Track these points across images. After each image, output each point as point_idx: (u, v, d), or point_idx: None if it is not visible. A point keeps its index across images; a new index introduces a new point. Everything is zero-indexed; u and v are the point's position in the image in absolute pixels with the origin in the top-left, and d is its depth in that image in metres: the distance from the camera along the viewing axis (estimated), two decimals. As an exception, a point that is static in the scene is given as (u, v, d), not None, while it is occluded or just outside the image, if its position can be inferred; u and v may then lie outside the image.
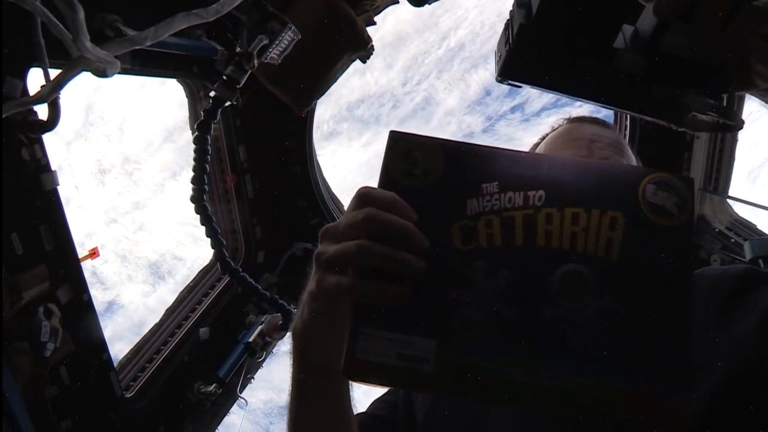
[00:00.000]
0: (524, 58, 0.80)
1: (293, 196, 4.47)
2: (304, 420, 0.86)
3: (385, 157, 0.65)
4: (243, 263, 4.14)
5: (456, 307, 0.59)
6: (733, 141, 4.13)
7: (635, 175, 0.63)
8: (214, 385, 3.58)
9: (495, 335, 0.59)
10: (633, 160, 1.17)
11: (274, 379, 3.86)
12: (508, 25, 0.82)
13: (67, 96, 2.09)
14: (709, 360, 0.73)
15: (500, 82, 0.85)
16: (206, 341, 3.68)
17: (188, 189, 3.44)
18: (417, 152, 0.64)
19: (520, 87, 0.81)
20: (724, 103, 0.74)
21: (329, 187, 5.01)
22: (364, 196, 0.63)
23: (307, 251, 4.48)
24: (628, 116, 4.35)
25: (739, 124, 0.76)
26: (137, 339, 3.59)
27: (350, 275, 0.61)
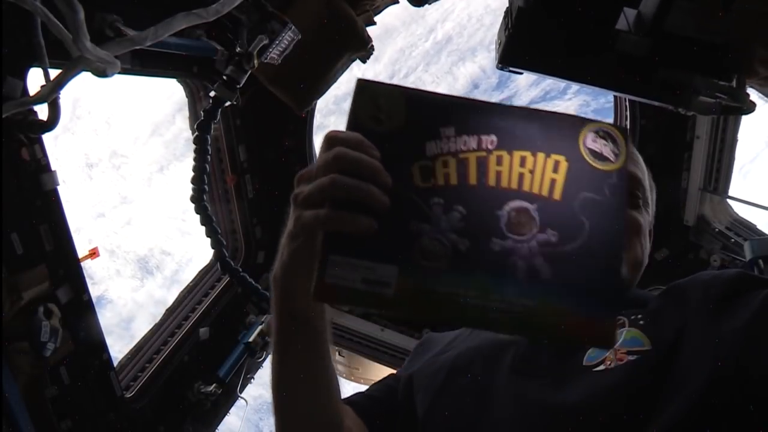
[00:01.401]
0: (525, 43, 0.81)
1: (293, 196, 4.46)
2: (286, 373, 0.89)
3: (352, 102, 0.71)
4: (243, 263, 4.14)
5: (416, 238, 0.66)
6: (734, 141, 4.13)
7: (577, 123, 0.70)
8: (214, 385, 3.58)
9: (450, 263, 0.65)
10: (645, 171, 1.18)
11: (263, 376, 3.88)
12: (508, 11, 0.83)
13: (63, 93, 2.08)
14: (698, 361, 0.74)
15: (501, 69, 0.86)
16: (206, 341, 3.68)
17: (176, 183, 3.45)
18: (382, 99, 0.70)
19: (521, 73, 0.83)
20: (734, 85, 0.75)
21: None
22: (333, 138, 0.69)
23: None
24: (628, 115, 4.35)
25: (750, 107, 0.77)
26: (126, 334, 3.59)
27: (325, 208, 0.67)
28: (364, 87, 0.71)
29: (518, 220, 0.66)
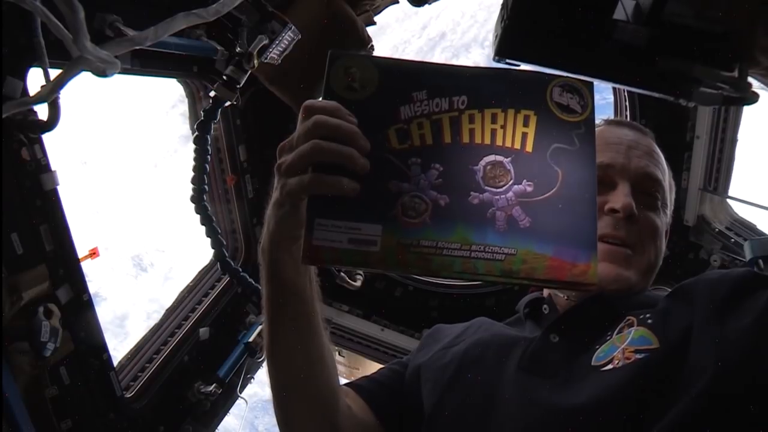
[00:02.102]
0: (521, 34, 0.82)
1: (293, 196, 4.45)
2: (278, 344, 0.91)
3: (326, 73, 0.74)
4: (243, 263, 4.13)
5: (397, 196, 0.69)
6: (734, 141, 4.13)
7: (544, 79, 0.73)
8: (214, 385, 3.57)
9: (431, 218, 0.68)
10: (666, 172, 1.17)
11: (258, 373, 3.89)
12: (504, 4, 0.83)
13: (63, 93, 2.08)
14: (705, 360, 0.74)
15: (497, 61, 0.87)
16: (206, 341, 3.68)
17: (170, 179, 3.45)
18: (354, 68, 0.73)
19: (517, 66, 0.84)
20: (736, 75, 0.74)
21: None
22: (311, 108, 0.71)
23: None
24: (628, 115, 4.35)
25: (752, 97, 0.77)
26: (120, 332, 3.59)
27: (309, 173, 0.69)
28: (336, 57, 0.74)
29: (494, 173, 0.69)
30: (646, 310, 0.89)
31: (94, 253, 3.11)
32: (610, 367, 0.82)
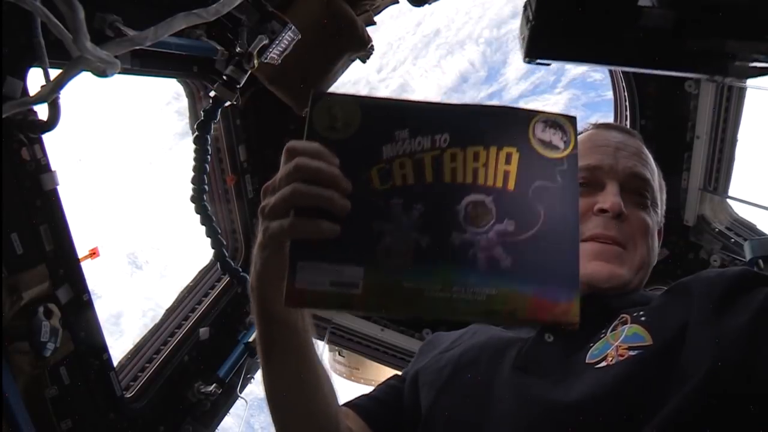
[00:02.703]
0: (548, 33, 0.83)
1: (293, 196, 4.45)
2: (274, 376, 0.92)
3: (309, 114, 0.74)
4: (243, 263, 4.13)
5: (378, 238, 0.69)
6: (734, 141, 4.13)
7: (526, 116, 0.73)
8: (214, 385, 3.58)
9: (413, 259, 0.68)
10: (655, 171, 1.17)
11: (258, 373, 3.87)
12: (527, 4, 0.84)
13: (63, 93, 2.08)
14: (701, 357, 0.74)
15: (528, 62, 0.87)
16: (206, 341, 3.68)
17: (165, 177, 3.45)
18: (337, 108, 0.73)
19: (548, 65, 0.85)
20: None
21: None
22: (292, 149, 0.73)
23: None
24: (628, 115, 4.35)
25: None
26: (115, 329, 3.59)
27: (290, 217, 0.70)
28: (318, 98, 0.74)
29: (476, 213, 0.69)
30: (639, 307, 0.90)
31: (94, 253, 3.11)
32: (604, 364, 0.82)
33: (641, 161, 1.13)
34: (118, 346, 3.63)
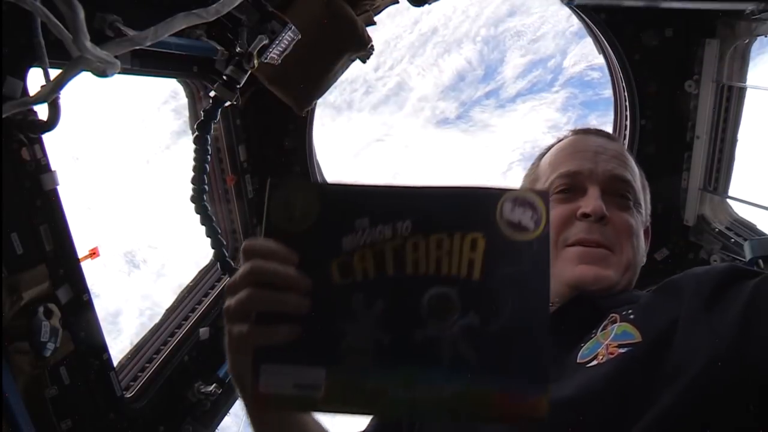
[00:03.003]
0: None
1: (293, 196, 4.46)
2: None
3: (266, 206, 0.70)
4: (243, 263, 4.13)
5: (340, 337, 0.66)
6: (734, 141, 4.13)
7: (493, 195, 0.68)
8: (214, 385, 3.57)
9: (375, 359, 0.65)
10: (636, 173, 1.18)
11: None
12: None
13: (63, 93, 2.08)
14: (691, 352, 0.75)
15: (569, 5, 0.83)
16: (206, 341, 3.68)
17: (162, 175, 3.44)
18: (295, 198, 0.69)
19: (585, 4, 0.79)
20: None
21: (329, 187, 5.00)
22: (248, 251, 0.70)
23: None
24: (628, 115, 4.35)
25: None
26: (113, 328, 3.59)
27: (249, 322, 0.69)
28: (275, 188, 0.70)
29: (439, 307, 0.65)
30: (628, 306, 0.91)
31: (94, 253, 3.11)
32: (594, 363, 0.83)
33: (621, 163, 1.14)
34: (116, 345, 3.62)
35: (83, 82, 1.93)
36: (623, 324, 0.87)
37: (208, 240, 3.60)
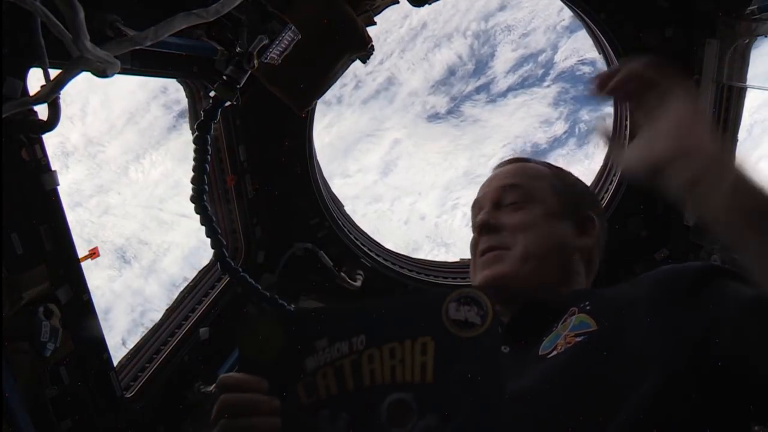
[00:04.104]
0: None
1: (293, 196, 4.46)
2: None
3: (238, 340, 0.79)
4: (243, 263, 4.14)
5: None
6: (734, 141, 4.13)
7: (439, 299, 0.72)
8: (214, 385, 3.57)
9: None
10: (534, 175, 1.23)
11: None
12: None
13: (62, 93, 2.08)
14: (661, 351, 0.77)
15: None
16: (206, 341, 3.68)
17: (153, 172, 3.44)
18: (261, 329, 0.76)
19: None
20: None
21: (329, 186, 5.01)
22: (221, 385, 0.78)
23: (308, 251, 4.48)
24: (628, 116, 4.35)
25: None
26: (104, 325, 3.58)
27: None
28: (244, 324, 0.79)
29: (398, 413, 0.68)
30: (587, 299, 0.95)
31: (94, 253, 3.11)
32: (554, 353, 0.87)
33: (510, 176, 1.22)
34: (108, 342, 3.61)
35: (79, 81, 1.93)
36: (581, 315, 0.91)
37: (209, 240, 3.61)
